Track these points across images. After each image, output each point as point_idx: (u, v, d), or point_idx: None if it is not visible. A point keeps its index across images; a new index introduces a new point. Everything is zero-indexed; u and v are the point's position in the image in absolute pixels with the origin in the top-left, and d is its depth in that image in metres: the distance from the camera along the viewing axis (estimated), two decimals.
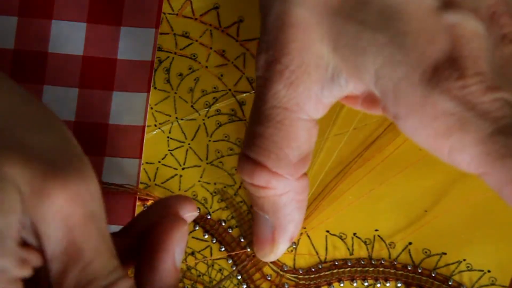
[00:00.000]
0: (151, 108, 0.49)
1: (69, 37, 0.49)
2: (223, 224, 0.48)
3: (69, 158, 0.31)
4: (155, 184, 0.48)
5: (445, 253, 0.47)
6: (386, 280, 0.47)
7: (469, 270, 0.47)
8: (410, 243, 0.47)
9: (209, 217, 0.48)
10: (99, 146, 0.48)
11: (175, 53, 0.50)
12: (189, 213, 0.36)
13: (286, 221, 0.42)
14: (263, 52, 0.38)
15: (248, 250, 0.47)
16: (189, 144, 0.49)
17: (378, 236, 0.47)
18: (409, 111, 0.34)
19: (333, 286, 0.47)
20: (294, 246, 0.48)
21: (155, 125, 0.49)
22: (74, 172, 0.30)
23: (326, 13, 0.36)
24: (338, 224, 0.48)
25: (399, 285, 0.47)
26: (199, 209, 0.48)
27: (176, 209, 0.35)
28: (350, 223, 0.48)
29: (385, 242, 0.47)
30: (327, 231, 0.48)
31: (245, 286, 0.47)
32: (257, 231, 0.44)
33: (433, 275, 0.47)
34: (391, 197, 0.48)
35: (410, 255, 0.47)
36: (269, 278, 0.47)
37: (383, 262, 0.47)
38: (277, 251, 0.44)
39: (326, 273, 0.47)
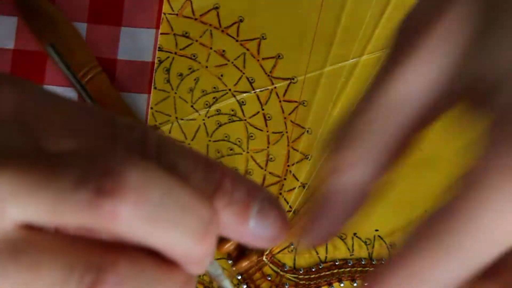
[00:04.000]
0: (151, 108, 0.49)
1: None
2: None
3: None
4: None
5: None
6: None
7: None
8: None
9: None
10: None
11: (175, 53, 0.50)
12: None
13: None
14: None
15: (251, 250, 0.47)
16: (189, 144, 0.49)
17: (378, 236, 0.47)
18: None
19: (333, 286, 0.47)
20: (293, 246, 0.47)
21: (155, 125, 0.49)
22: None
23: None
24: None
25: None
26: None
27: None
28: (350, 223, 0.48)
29: (385, 242, 0.47)
30: None
31: (245, 286, 0.47)
32: None
33: None
34: (391, 197, 0.48)
35: None
36: (269, 278, 0.47)
37: (383, 262, 0.47)
38: None
39: (326, 273, 0.47)
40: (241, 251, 0.47)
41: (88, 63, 0.47)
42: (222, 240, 0.46)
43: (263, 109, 0.49)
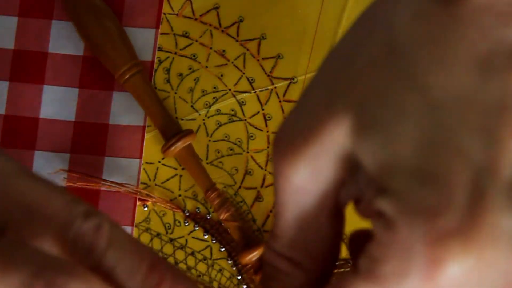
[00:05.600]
0: None
1: (69, 37, 0.49)
2: (223, 224, 0.48)
3: None
4: (155, 184, 0.48)
5: None
6: None
7: None
8: None
9: (209, 217, 0.48)
10: (99, 146, 0.48)
11: (175, 53, 0.50)
12: None
13: None
14: None
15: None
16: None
17: None
18: None
19: None
20: None
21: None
22: None
23: None
24: None
25: None
26: (199, 209, 0.48)
27: None
28: (350, 223, 0.47)
29: None
30: None
31: (245, 286, 0.47)
32: None
33: None
34: None
35: None
36: None
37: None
38: None
39: None
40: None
41: (129, 60, 0.47)
42: (246, 250, 0.46)
43: (263, 109, 0.49)
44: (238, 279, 0.47)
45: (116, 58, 0.47)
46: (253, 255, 0.46)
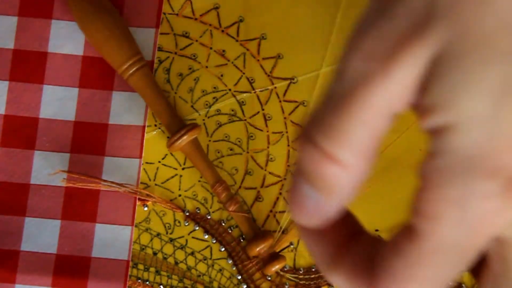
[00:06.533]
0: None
1: (69, 37, 0.49)
2: (223, 224, 0.48)
3: None
4: (155, 184, 0.48)
5: None
6: None
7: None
8: None
9: (209, 217, 0.48)
10: (99, 146, 0.48)
11: (175, 53, 0.50)
12: None
13: None
14: None
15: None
16: None
17: (379, 236, 0.47)
18: None
19: (334, 286, 0.47)
20: (293, 246, 0.47)
21: (155, 125, 0.49)
22: None
23: None
24: None
25: None
26: (199, 209, 0.48)
27: None
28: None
29: None
30: None
31: (245, 286, 0.47)
32: None
33: None
34: (391, 197, 0.48)
35: None
36: (269, 278, 0.47)
37: None
38: None
39: None
40: (273, 255, 0.47)
41: (133, 55, 0.47)
42: (254, 241, 0.46)
43: (263, 109, 0.49)
44: (238, 279, 0.47)
45: (119, 53, 0.47)
46: (262, 247, 0.46)
